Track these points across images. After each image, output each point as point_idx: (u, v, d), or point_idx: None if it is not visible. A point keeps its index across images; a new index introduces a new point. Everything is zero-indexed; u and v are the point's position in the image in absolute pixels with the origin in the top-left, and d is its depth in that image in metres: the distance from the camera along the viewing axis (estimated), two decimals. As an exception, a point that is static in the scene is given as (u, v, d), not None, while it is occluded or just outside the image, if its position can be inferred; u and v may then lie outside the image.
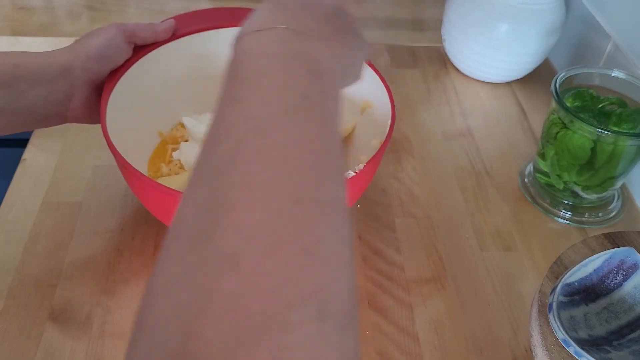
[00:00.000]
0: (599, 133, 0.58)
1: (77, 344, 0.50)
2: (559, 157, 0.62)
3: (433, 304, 0.55)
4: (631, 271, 0.47)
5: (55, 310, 0.52)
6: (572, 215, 0.64)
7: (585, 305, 0.47)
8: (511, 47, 0.78)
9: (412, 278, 0.57)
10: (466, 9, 0.78)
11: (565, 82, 0.63)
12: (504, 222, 0.64)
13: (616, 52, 0.72)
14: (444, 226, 0.63)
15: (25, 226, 0.58)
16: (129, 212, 0.60)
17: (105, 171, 0.64)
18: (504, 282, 0.58)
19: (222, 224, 0.23)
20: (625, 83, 0.63)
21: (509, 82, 0.84)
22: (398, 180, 0.67)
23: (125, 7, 0.93)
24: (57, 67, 0.51)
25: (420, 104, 0.79)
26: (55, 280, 0.54)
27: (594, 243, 0.51)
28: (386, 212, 0.63)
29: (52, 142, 0.67)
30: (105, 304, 0.53)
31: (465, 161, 0.71)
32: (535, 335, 0.45)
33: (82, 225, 0.59)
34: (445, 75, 0.84)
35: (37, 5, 0.91)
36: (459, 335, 0.53)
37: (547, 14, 0.76)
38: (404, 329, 0.53)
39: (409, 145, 0.72)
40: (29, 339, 0.50)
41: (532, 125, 0.77)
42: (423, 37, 0.92)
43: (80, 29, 0.86)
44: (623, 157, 0.59)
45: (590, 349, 0.42)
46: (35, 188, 0.62)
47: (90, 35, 0.54)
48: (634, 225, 0.65)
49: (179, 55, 0.61)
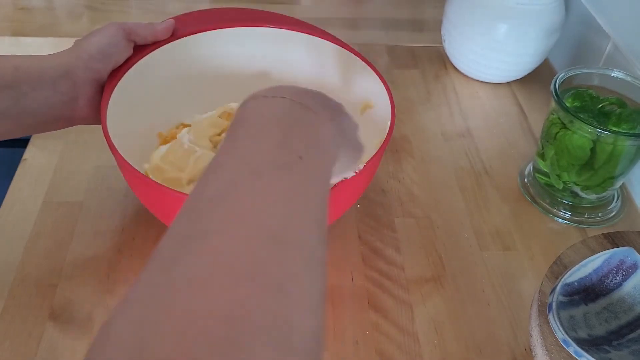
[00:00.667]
0: (599, 133, 0.58)
1: (78, 344, 0.50)
2: (559, 157, 0.62)
3: (433, 304, 0.55)
4: (631, 271, 0.47)
5: (56, 310, 0.52)
6: (572, 215, 0.65)
7: (585, 305, 0.47)
8: (511, 47, 0.78)
9: (411, 278, 0.57)
10: (466, 9, 0.78)
11: (564, 83, 0.63)
12: (503, 222, 0.64)
13: (616, 52, 0.72)
14: (444, 226, 0.63)
15: (26, 226, 0.58)
16: (129, 212, 0.61)
17: (106, 171, 0.64)
18: (504, 282, 0.58)
19: (197, 249, 0.23)
20: (624, 83, 0.64)
21: (509, 83, 0.84)
22: (398, 180, 0.67)
23: (126, 7, 0.93)
24: (59, 69, 0.51)
25: (420, 104, 0.79)
26: (56, 280, 0.54)
27: (594, 243, 0.51)
28: (386, 212, 0.64)
29: (53, 142, 0.67)
30: (106, 303, 0.53)
31: (465, 161, 0.71)
32: (535, 335, 0.45)
33: (83, 225, 0.59)
34: (445, 75, 0.85)
35: (37, 6, 0.91)
36: (458, 334, 0.53)
37: (546, 15, 0.76)
38: (404, 329, 0.53)
39: (409, 146, 0.72)
40: (29, 338, 0.50)
41: (532, 125, 0.77)
42: (423, 38, 0.92)
43: (80, 29, 0.87)
44: (622, 157, 0.60)
45: (590, 349, 0.42)
46: (36, 188, 0.62)
47: (90, 35, 0.54)
48: (634, 225, 0.65)
49: (179, 55, 0.61)
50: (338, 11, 0.97)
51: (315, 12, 0.96)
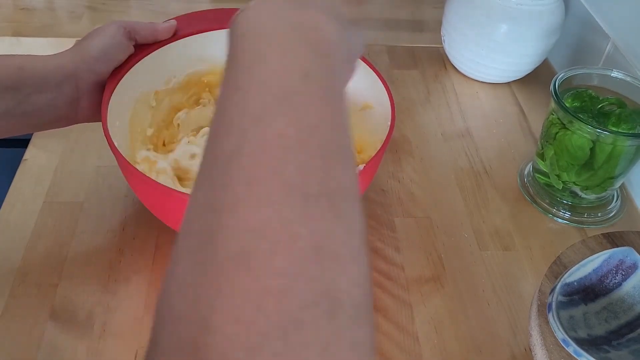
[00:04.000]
0: (598, 133, 0.58)
1: (78, 344, 0.50)
2: (558, 157, 0.62)
3: (433, 304, 0.56)
4: (630, 271, 0.47)
5: (57, 310, 0.52)
6: (572, 215, 0.65)
7: (585, 305, 0.47)
8: (510, 47, 0.78)
9: (411, 277, 0.58)
10: (465, 9, 0.79)
11: (564, 83, 0.63)
12: (503, 222, 0.64)
13: (615, 52, 0.72)
14: (444, 226, 0.63)
15: (27, 226, 0.58)
16: (130, 212, 0.61)
17: (107, 171, 0.64)
18: (504, 282, 0.58)
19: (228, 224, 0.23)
20: (624, 83, 0.64)
21: (509, 83, 0.84)
22: (398, 180, 0.68)
23: (127, 8, 0.93)
24: (62, 71, 0.51)
25: (420, 104, 0.79)
26: (57, 279, 0.54)
27: (593, 243, 0.51)
28: (386, 212, 0.64)
29: (54, 142, 0.67)
30: (107, 303, 0.53)
31: (464, 161, 0.71)
32: (535, 334, 0.45)
33: (83, 225, 0.59)
34: (444, 75, 0.85)
35: (38, 6, 0.91)
36: (458, 334, 0.53)
37: (546, 15, 0.76)
38: (404, 328, 0.53)
39: (409, 146, 0.72)
40: (30, 338, 0.50)
41: (532, 125, 0.77)
42: (422, 38, 0.92)
43: (81, 29, 0.87)
44: (622, 158, 0.60)
45: (590, 349, 0.43)
46: (37, 188, 0.62)
47: (92, 35, 0.54)
48: (633, 225, 0.65)
49: (180, 56, 0.61)
50: (338, 11, 0.97)
51: (315, 12, 0.96)
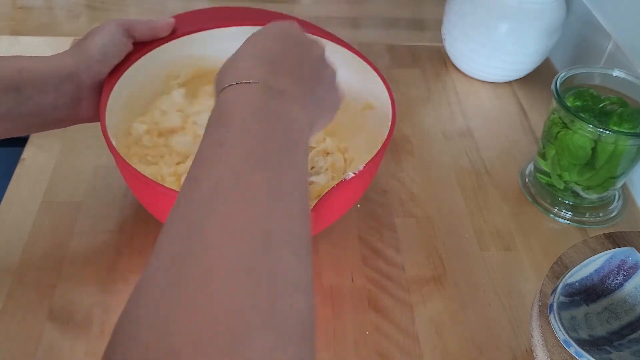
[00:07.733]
0: (600, 133, 0.58)
1: (77, 344, 0.50)
2: (560, 156, 0.62)
3: (433, 304, 0.55)
4: (632, 271, 0.47)
5: (55, 310, 0.52)
6: (573, 215, 0.64)
7: (586, 305, 0.47)
8: (511, 46, 0.78)
9: (412, 278, 0.57)
10: (466, 8, 0.78)
11: (565, 82, 0.63)
12: (504, 222, 0.64)
13: (617, 51, 0.72)
14: (444, 226, 0.63)
15: (25, 226, 0.58)
16: (128, 212, 0.60)
17: (105, 171, 0.64)
18: (504, 282, 0.58)
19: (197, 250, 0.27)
20: (626, 82, 0.63)
21: (510, 82, 0.84)
22: (398, 180, 0.67)
23: (125, 6, 0.93)
24: (63, 73, 0.50)
25: (421, 103, 0.79)
26: (55, 280, 0.54)
27: (595, 243, 0.51)
28: (386, 212, 0.63)
29: (52, 141, 0.67)
30: (105, 303, 0.53)
31: (465, 161, 0.71)
32: (536, 335, 0.45)
33: (82, 225, 0.59)
34: (445, 74, 0.84)
35: (36, 5, 0.91)
36: (459, 335, 0.53)
37: (547, 14, 0.76)
38: (404, 329, 0.53)
39: (409, 145, 0.72)
40: (28, 338, 0.50)
41: (533, 125, 0.77)
42: (423, 37, 0.92)
43: (79, 28, 0.86)
44: (624, 157, 0.59)
45: (591, 350, 0.42)
46: (35, 188, 0.62)
47: (91, 35, 0.53)
48: (635, 225, 0.65)
49: (178, 54, 0.61)
50: (338, 10, 0.96)
51: (316, 11, 0.96)
